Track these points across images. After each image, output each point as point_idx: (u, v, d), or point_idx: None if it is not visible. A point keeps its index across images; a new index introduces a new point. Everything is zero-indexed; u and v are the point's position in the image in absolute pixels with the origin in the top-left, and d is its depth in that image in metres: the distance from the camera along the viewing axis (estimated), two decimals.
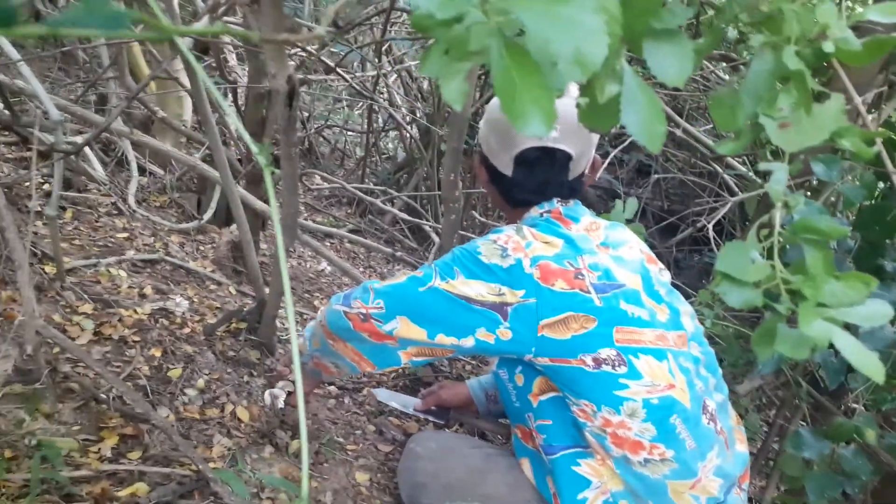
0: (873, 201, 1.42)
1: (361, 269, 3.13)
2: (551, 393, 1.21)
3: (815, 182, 1.62)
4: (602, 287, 1.13)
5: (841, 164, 1.38)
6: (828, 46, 0.50)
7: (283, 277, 0.43)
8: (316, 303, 2.49)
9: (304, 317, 2.22)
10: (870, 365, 0.51)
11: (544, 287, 1.11)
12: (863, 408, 1.45)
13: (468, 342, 1.16)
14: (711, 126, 4.29)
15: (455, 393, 1.66)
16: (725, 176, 3.35)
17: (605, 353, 1.12)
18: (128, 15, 0.30)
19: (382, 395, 1.69)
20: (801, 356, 0.48)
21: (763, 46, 0.56)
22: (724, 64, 3.35)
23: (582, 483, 1.19)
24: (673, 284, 1.35)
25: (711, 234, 2.84)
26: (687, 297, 1.90)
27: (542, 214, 1.27)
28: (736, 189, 3.29)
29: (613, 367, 1.12)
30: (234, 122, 0.53)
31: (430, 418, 1.65)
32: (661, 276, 1.30)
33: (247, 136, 0.57)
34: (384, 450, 1.60)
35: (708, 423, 1.19)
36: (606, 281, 1.15)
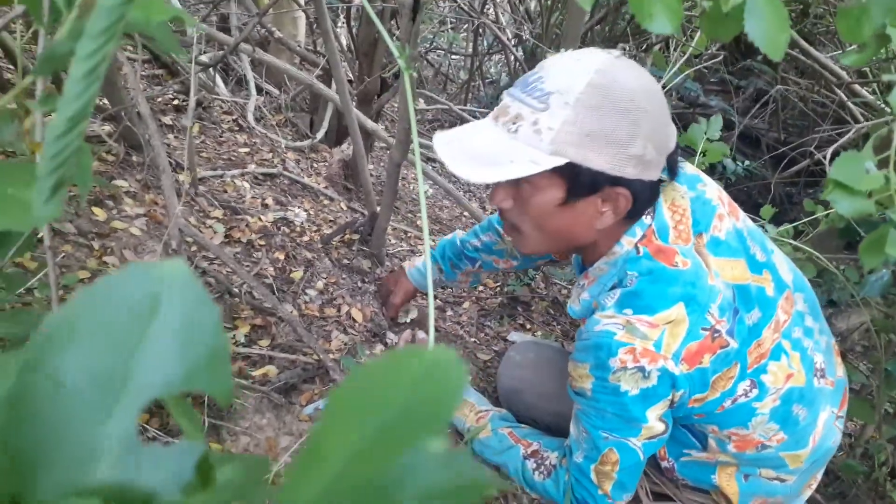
0: None
1: (461, 193, 3.20)
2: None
3: None
4: (731, 327, 1.04)
5: None
6: None
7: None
8: (419, 222, 2.59)
9: (408, 234, 2.32)
10: None
11: (694, 371, 1.01)
12: None
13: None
14: (840, 52, 3.96)
15: (404, 292, 1.60)
16: (850, 104, 3.11)
17: (741, 387, 1.07)
18: None
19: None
20: None
21: None
22: None
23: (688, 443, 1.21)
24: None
25: (829, 166, 2.68)
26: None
27: (636, 248, 1.07)
28: (861, 119, 3.06)
29: (747, 395, 1.07)
30: (381, 30, 0.58)
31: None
32: (746, 223, 1.18)
33: (388, 39, 0.62)
34: (483, 358, 1.69)
35: (819, 384, 1.16)
36: (731, 312, 1.05)
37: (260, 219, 1.77)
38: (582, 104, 0.93)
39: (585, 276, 1.15)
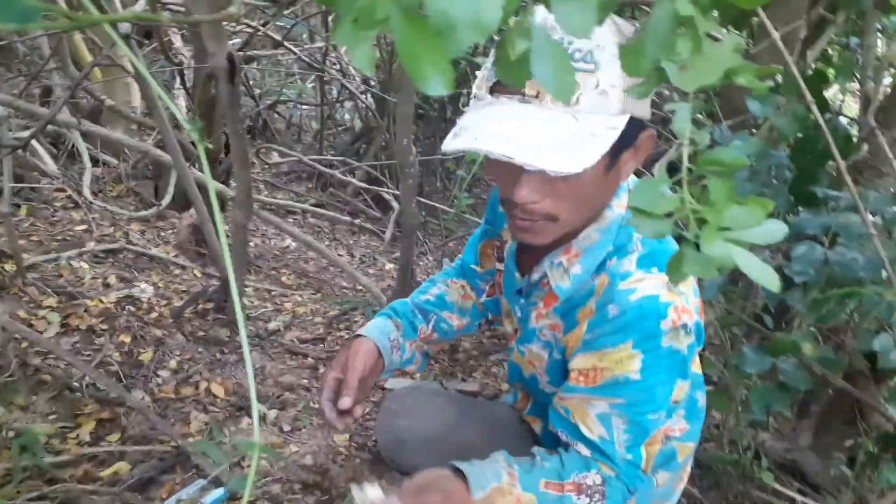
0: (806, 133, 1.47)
1: (327, 243, 3.15)
2: None
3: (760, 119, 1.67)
4: None
5: (775, 99, 1.43)
6: None
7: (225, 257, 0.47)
8: (283, 279, 2.51)
9: (272, 292, 2.25)
10: (766, 277, 0.56)
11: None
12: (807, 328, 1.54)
13: None
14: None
15: (364, 352, 1.13)
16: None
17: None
18: (40, 8, 0.32)
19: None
20: (709, 276, 0.52)
21: None
22: None
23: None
24: None
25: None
26: None
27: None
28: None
29: None
30: (168, 102, 0.56)
31: None
32: None
33: (178, 114, 0.59)
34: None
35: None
36: None
37: (101, 301, 1.64)
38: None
39: (565, 252, 1.01)
